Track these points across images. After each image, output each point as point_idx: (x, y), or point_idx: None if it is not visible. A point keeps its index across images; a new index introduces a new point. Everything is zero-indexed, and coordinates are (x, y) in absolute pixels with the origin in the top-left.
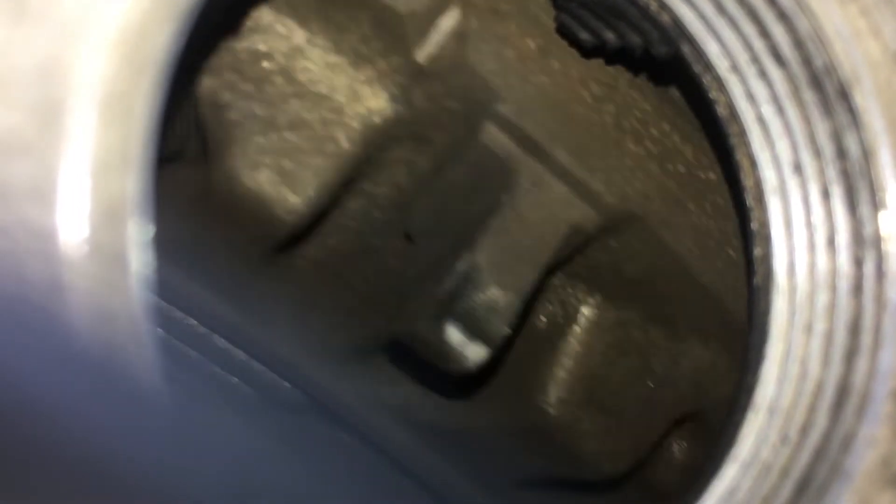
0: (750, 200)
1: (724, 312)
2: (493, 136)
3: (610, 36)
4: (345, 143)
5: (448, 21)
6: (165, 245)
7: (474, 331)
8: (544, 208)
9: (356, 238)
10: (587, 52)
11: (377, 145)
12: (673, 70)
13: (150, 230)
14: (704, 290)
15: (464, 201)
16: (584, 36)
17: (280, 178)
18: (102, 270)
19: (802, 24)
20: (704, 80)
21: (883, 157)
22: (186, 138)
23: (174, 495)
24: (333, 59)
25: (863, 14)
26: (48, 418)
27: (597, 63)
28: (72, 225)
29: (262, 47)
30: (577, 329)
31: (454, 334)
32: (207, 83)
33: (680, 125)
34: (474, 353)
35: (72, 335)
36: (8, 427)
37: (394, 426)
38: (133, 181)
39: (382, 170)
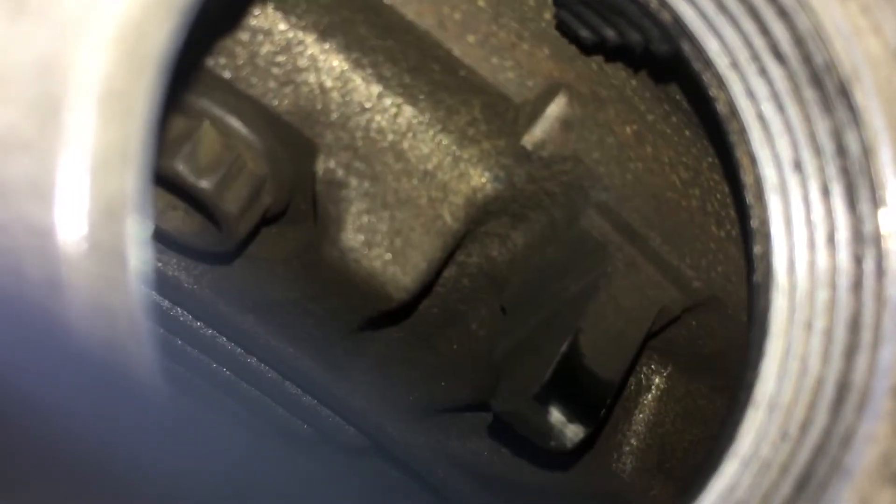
0: (750, 198)
1: None
2: (592, 219)
3: (610, 33)
4: (450, 221)
5: (555, 108)
6: (254, 297)
7: (574, 412)
8: (637, 291)
9: (444, 304)
10: (587, 49)
11: (476, 220)
12: (673, 68)
13: (148, 227)
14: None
15: (558, 280)
16: (584, 33)
17: (392, 258)
18: (101, 268)
19: (802, 22)
20: (704, 78)
21: (883, 154)
22: (291, 198)
23: (172, 493)
24: (441, 138)
25: (863, 12)
26: (47, 415)
27: (684, 147)
28: (70, 222)
29: (374, 125)
30: (649, 398)
31: (555, 415)
32: (323, 162)
33: None
34: (573, 432)
35: (71, 332)
36: (7, 424)
37: (459, 477)
38: (132, 179)
39: (476, 241)
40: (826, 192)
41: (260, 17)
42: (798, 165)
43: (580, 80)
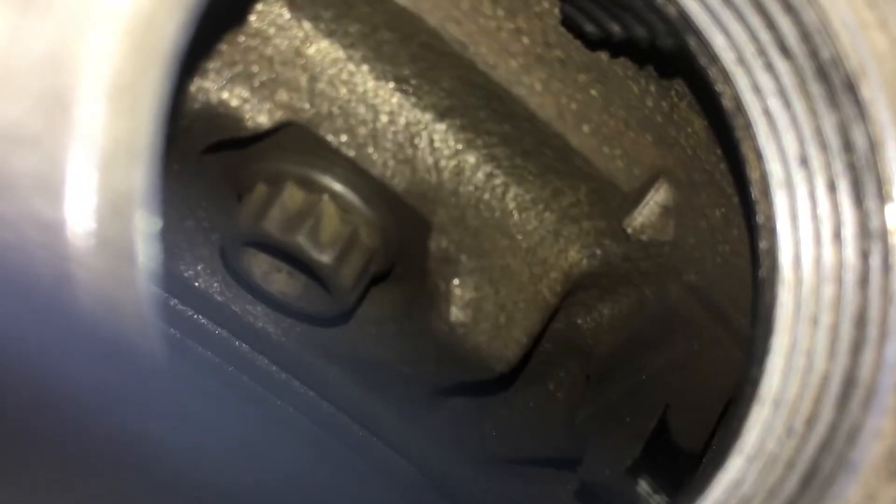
0: (755, 193)
1: None
2: (681, 298)
3: (615, 28)
4: (549, 297)
5: (658, 196)
6: (344, 353)
7: (660, 483)
8: (720, 369)
9: (524, 364)
10: (593, 44)
11: (569, 293)
12: (678, 63)
13: (156, 223)
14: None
15: (644, 353)
16: (590, 28)
17: (496, 333)
18: (109, 264)
19: (809, 16)
20: (710, 73)
21: (890, 149)
22: (394, 264)
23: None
24: (545, 216)
25: (869, 6)
26: (57, 406)
27: None
28: (79, 218)
29: (483, 202)
30: None
31: (643, 486)
32: (436, 240)
33: None
34: (657, 502)
35: (79, 327)
36: (17, 412)
37: None
38: (140, 174)
39: (563, 309)
40: (832, 188)
41: (383, 97)
42: (804, 161)
43: (678, 165)
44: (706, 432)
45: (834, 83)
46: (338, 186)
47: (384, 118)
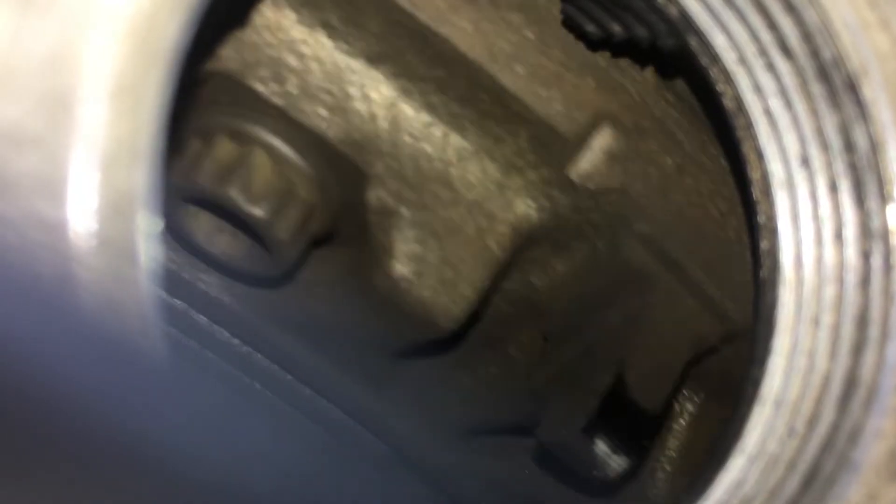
0: (756, 194)
1: None
2: (634, 250)
3: (616, 28)
4: (496, 251)
5: (601, 140)
6: (297, 319)
7: (618, 443)
8: (678, 323)
9: (482, 327)
10: (593, 44)
11: (520, 249)
12: (680, 63)
13: (158, 223)
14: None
15: (599, 309)
16: (591, 28)
17: (442, 288)
18: (111, 264)
19: (810, 16)
20: (711, 73)
21: (891, 149)
22: (337, 227)
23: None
24: (488, 167)
25: (871, 6)
26: (59, 406)
27: (721, 178)
28: (80, 219)
29: (423, 154)
30: (682, 424)
31: (601, 447)
32: (374, 191)
33: None
34: (617, 463)
35: (80, 327)
36: (21, 412)
37: (492, 497)
38: (142, 174)
39: (517, 268)
40: (834, 188)
41: (311, 44)
42: (805, 161)
43: (624, 110)
44: (665, 389)
45: (835, 83)
46: (270, 138)
47: (314, 66)
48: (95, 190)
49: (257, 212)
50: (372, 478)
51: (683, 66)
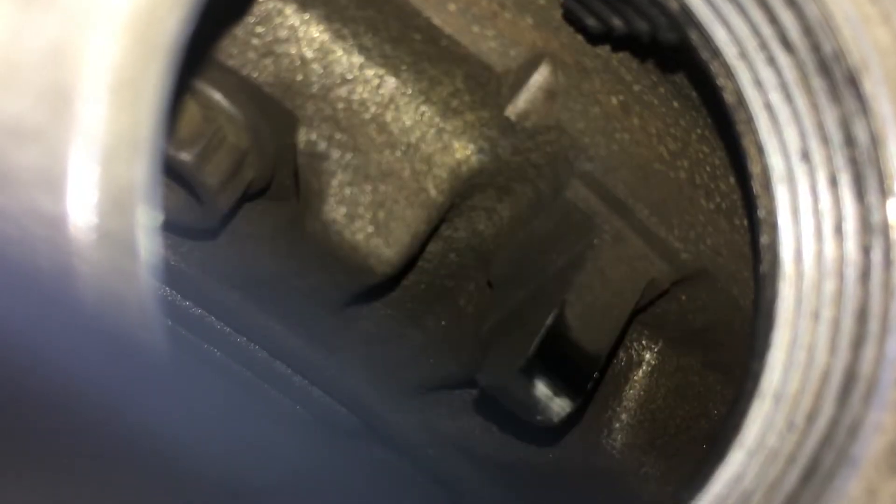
0: (757, 188)
1: None
2: (578, 191)
3: (616, 22)
4: (434, 193)
5: (539, 78)
6: (240, 274)
7: (560, 386)
8: (624, 264)
9: (431, 279)
10: (593, 38)
11: (461, 194)
12: (680, 56)
13: (157, 217)
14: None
15: (545, 253)
16: (591, 22)
17: (375, 231)
18: (111, 257)
19: (811, 11)
20: (712, 67)
21: (891, 144)
22: (274, 173)
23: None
24: (424, 109)
25: (872, 1)
26: (60, 400)
27: (672, 118)
28: (81, 212)
29: (356, 96)
30: (639, 374)
31: (541, 389)
32: (304, 134)
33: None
34: (559, 406)
35: (81, 321)
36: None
37: (451, 457)
38: (142, 168)
39: (462, 215)
40: (834, 182)
41: None
42: (806, 155)
43: (564, 49)
44: (610, 331)
45: (836, 77)
46: (197, 83)
47: None
48: (95, 184)
49: (184, 156)
50: (342, 448)
51: (684, 59)
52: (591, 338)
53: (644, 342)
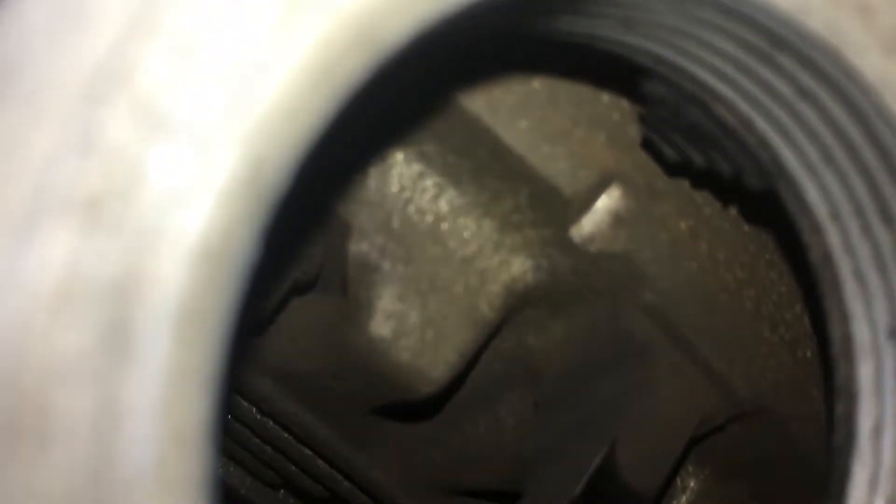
0: (836, 353)
1: None
2: (637, 319)
3: (698, 158)
4: (486, 311)
5: (608, 201)
6: (275, 365)
7: None
8: (681, 398)
9: (474, 386)
10: (671, 169)
11: (514, 309)
12: (765, 202)
13: (219, 459)
14: (816, 476)
15: (597, 379)
16: (670, 152)
17: (422, 350)
18: (172, 499)
19: None
20: (798, 222)
21: None
22: (321, 270)
23: None
24: (484, 223)
25: None
26: None
27: (741, 244)
28: (139, 452)
29: (412, 206)
30: (683, 500)
31: None
32: (356, 243)
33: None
34: None
35: None
36: None
37: None
38: (206, 406)
39: (512, 327)
40: None
41: None
42: (895, 333)
43: (636, 170)
44: (661, 472)
45: None
46: None
47: None
48: (154, 424)
49: None
50: None
51: (769, 206)
52: (642, 477)
53: (691, 469)
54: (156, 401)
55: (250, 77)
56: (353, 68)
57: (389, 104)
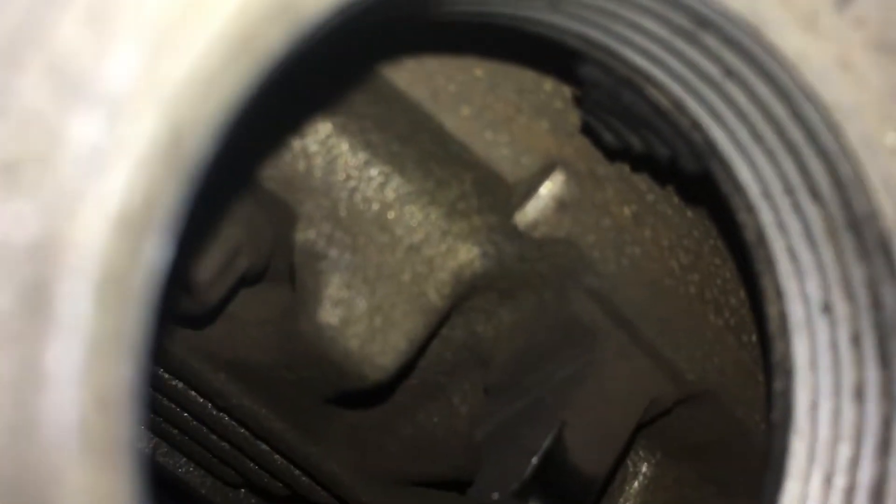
0: (773, 329)
1: None
2: (583, 304)
3: (635, 142)
4: (434, 298)
5: (550, 187)
6: (227, 357)
7: None
8: (627, 381)
9: (425, 376)
10: (611, 154)
11: (462, 297)
12: (701, 184)
13: (144, 418)
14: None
15: (545, 363)
16: (608, 138)
17: (371, 337)
18: (95, 463)
19: (844, 168)
20: (733, 202)
21: None
22: (270, 260)
23: None
24: (429, 211)
25: None
26: None
27: (685, 229)
28: (61, 415)
29: (358, 194)
30: (636, 486)
31: None
32: (303, 231)
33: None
34: None
35: None
36: None
37: None
38: (129, 369)
39: (461, 315)
40: (857, 342)
41: None
42: (828, 307)
43: (579, 156)
44: (610, 454)
45: (866, 238)
46: None
47: None
48: (77, 386)
49: None
50: None
51: (704, 187)
52: (590, 459)
53: (642, 454)
54: (78, 364)
55: (168, 44)
56: (272, 39)
57: (319, 79)
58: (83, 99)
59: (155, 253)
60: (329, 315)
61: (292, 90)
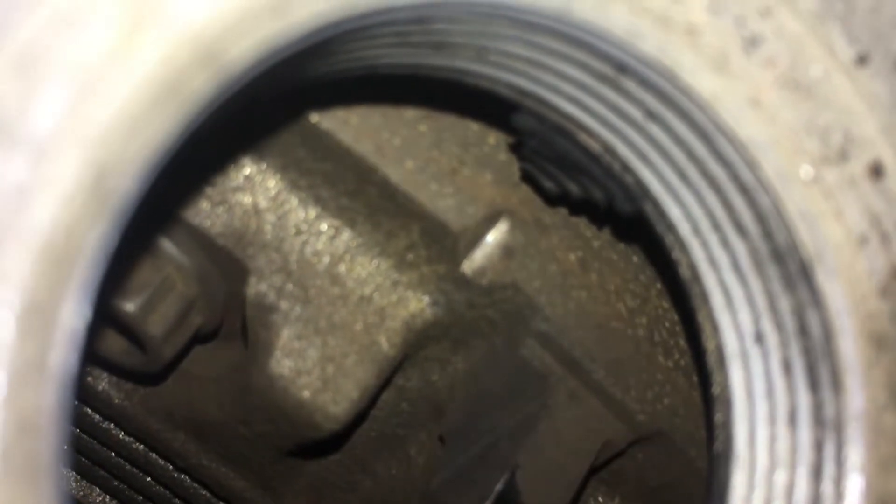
0: (711, 363)
1: None
2: (532, 349)
3: (573, 187)
4: (386, 347)
5: (496, 235)
6: (185, 415)
7: None
8: (579, 424)
9: (382, 428)
10: (551, 200)
11: (414, 345)
12: (637, 226)
13: (66, 443)
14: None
15: (498, 410)
16: (548, 185)
17: (323, 387)
18: (15, 486)
19: (763, 201)
20: (667, 241)
21: (845, 340)
22: (224, 317)
23: None
24: (379, 262)
25: (825, 196)
26: None
27: (631, 274)
28: None
29: (309, 247)
30: None
31: None
32: (254, 285)
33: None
34: None
35: None
36: None
37: None
38: (50, 394)
39: (416, 365)
40: (788, 369)
41: None
42: (760, 338)
43: (523, 205)
44: (564, 496)
45: (789, 267)
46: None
47: None
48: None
49: (127, 307)
50: None
51: (640, 229)
52: (543, 502)
53: (601, 498)
54: (0, 389)
55: (93, 88)
56: (197, 85)
57: (254, 123)
58: (8, 140)
59: (78, 285)
60: (281, 366)
61: (226, 133)
